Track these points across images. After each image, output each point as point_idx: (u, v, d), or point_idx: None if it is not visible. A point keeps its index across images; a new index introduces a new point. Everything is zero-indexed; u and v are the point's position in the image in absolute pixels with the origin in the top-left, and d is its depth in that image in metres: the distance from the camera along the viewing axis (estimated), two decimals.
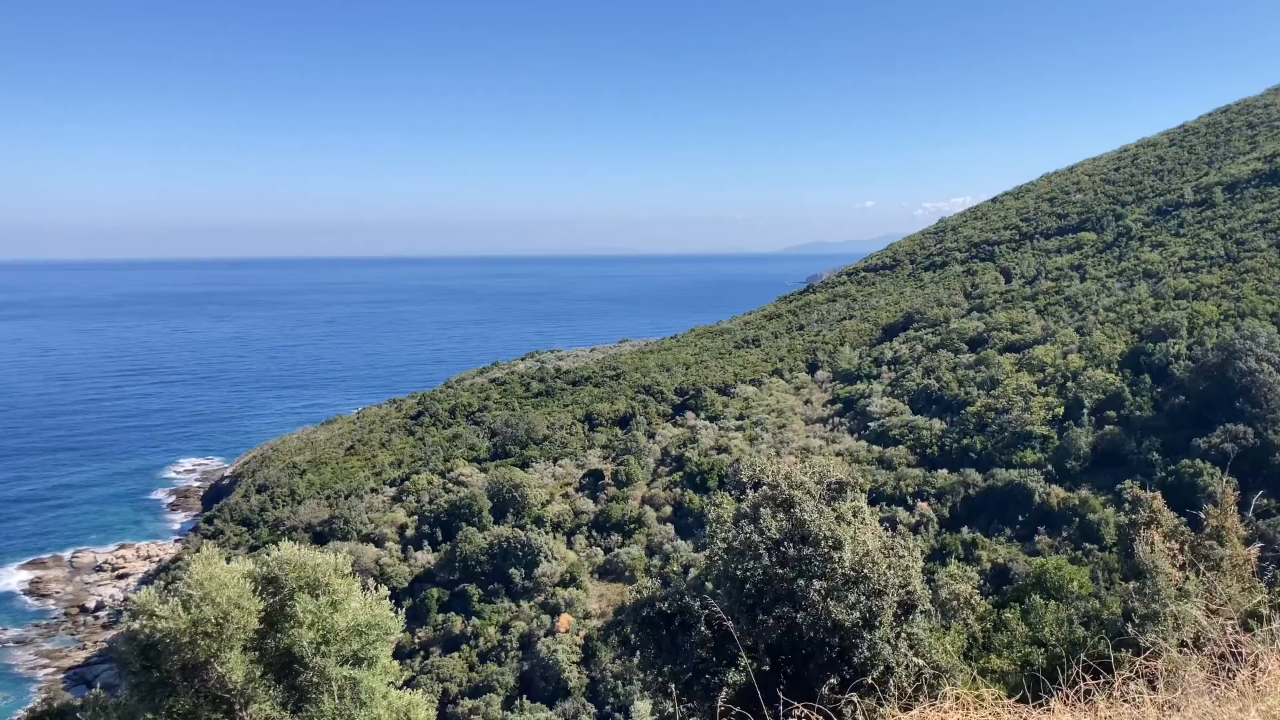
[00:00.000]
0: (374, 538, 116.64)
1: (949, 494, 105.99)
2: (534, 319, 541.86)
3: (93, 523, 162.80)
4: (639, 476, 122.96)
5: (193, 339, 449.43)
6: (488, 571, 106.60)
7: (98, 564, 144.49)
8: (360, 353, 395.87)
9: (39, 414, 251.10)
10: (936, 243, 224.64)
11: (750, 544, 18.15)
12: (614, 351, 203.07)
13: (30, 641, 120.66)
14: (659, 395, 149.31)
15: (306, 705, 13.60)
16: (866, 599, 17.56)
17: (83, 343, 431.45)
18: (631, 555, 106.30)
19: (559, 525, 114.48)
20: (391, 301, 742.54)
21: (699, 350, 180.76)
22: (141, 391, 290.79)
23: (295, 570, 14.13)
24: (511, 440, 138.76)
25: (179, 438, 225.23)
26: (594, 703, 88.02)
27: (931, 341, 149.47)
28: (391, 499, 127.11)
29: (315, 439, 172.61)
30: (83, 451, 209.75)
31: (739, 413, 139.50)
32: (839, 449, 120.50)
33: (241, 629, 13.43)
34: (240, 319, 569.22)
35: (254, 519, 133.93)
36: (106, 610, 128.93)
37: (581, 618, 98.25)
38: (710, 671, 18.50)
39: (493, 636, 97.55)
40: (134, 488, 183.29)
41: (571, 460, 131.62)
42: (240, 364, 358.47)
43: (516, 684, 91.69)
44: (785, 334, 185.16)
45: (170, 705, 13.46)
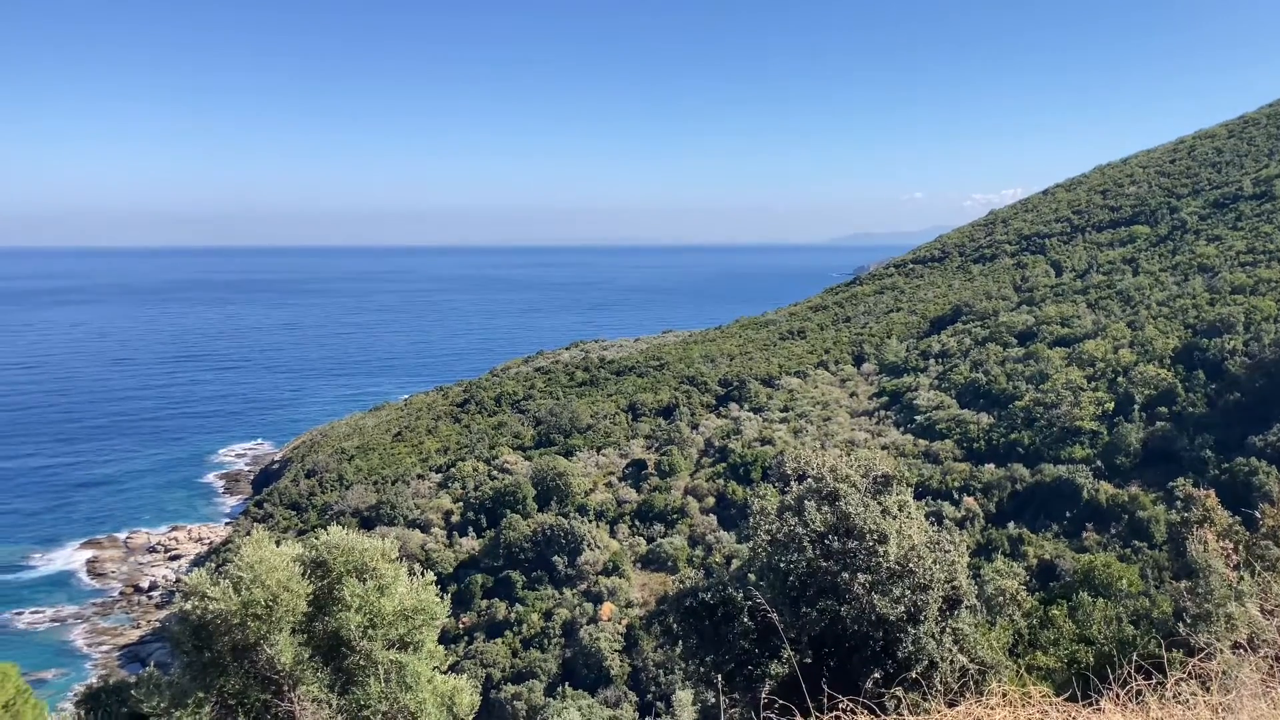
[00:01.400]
0: (420, 523, 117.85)
1: (995, 489, 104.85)
2: (579, 309, 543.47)
3: (147, 505, 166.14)
4: (682, 467, 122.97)
5: (245, 325, 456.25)
6: (531, 558, 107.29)
7: (151, 545, 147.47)
8: (409, 340, 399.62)
9: (97, 398, 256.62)
10: (986, 235, 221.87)
11: (794, 536, 18.10)
12: (658, 342, 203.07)
13: (87, 619, 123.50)
14: (703, 386, 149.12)
15: (353, 688, 13.79)
16: (911, 593, 17.44)
17: (138, 328, 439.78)
18: (674, 545, 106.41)
19: (602, 514, 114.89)
20: (440, 290, 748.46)
21: (743, 341, 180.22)
22: (195, 377, 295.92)
23: (343, 554, 14.31)
24: (555, 429, 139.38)
25: (231, 423, 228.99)
26: (635, 691, 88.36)
27: (980, 335, 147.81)
28: (437, 485, 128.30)
29: (363, 425, 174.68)
30: (138, 435, 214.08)
31: (783, 404, 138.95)
32: (884, 442, 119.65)
33: (290, 611, 13.62)
34: (292, 306, 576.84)
35: (303, 503, 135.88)
36: (159, 590, 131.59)
37: (624, 606, 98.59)
38: (753, 663, 18.48)
39: (536, 623, 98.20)
40: (187, 471, 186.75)
41: (615, 450, 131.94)
42: (291, 351, 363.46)
43: (559, 670, 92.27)
44: (831, 326, 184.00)
45: (221, 685, 13.71)
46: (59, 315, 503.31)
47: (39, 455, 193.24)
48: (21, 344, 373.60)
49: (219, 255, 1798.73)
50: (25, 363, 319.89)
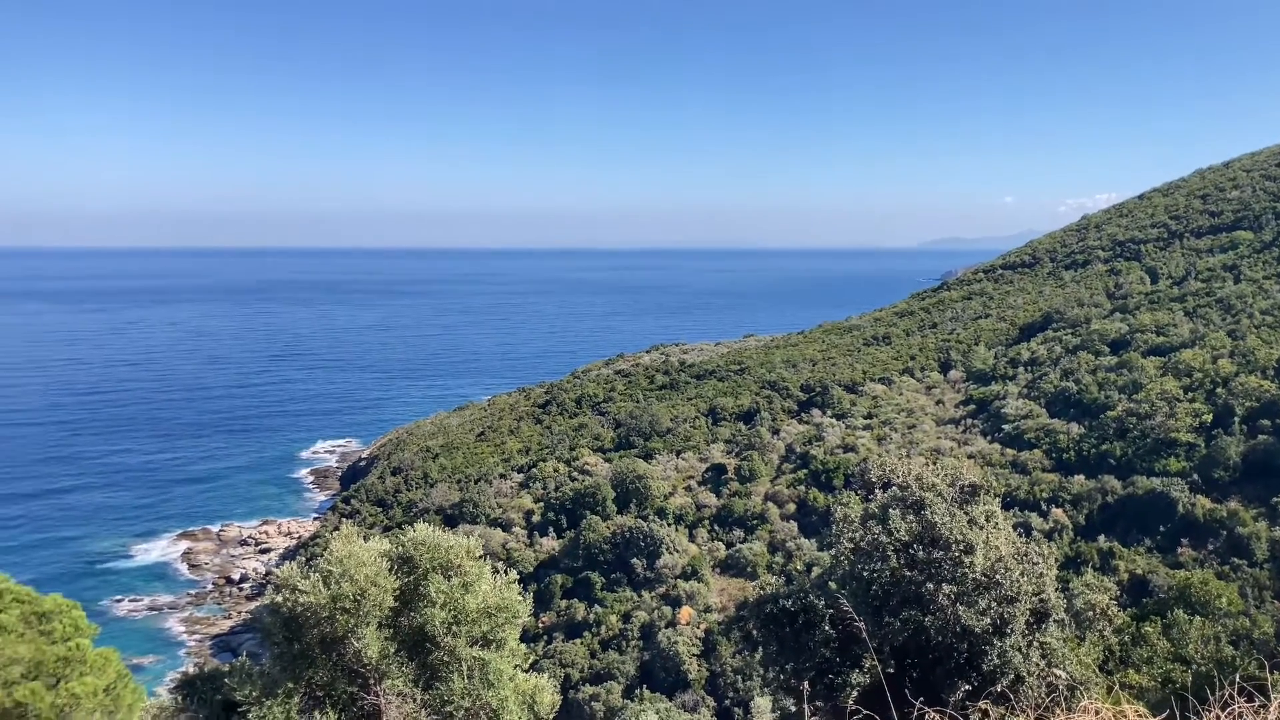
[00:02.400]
0: (501, 522, 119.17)
1: (1085, 501, 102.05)
2: (660, 312, 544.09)
3: (240, 499, 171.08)
4: (762, 472, 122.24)
5: (336, 326, 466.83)
6: (610, 560, 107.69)
7: (243, 538, 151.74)
8: (493, 342, 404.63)
9: (193, 395, 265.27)
10: (1078, 240, 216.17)
11: (878, 545, 17.86)
12: (739, 346, 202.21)
13: (182, 608, 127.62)
14: (784, 391, 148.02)
15: (437, 684, 14.00)
16: (998, 605, 17.08)
17: (233, 327, 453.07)
18: (754, 551, 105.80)
19: (681, 518, 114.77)
20: (524, 292, 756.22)
21: (826, 346, 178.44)
22: (287, 375, 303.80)
23: (429, 551, 14.55)
24: (635, 431, 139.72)
25: (321, 420, 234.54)
26: (713, 696, 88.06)
27: (1071, 343, 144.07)
28: (519, 485, 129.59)
29: (448, 424, 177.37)
30: (233, 432, 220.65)
31: (867, 411, 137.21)
32: (971, 451, 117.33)
33: (377, 606, 13.90)
34: (382, 307, 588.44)
35: (388, 500, 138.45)
36: (250, 583, 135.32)
37: (702, 611, 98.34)
38: (833, 671, 18.28)
39: (614, 625, 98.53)
40: (278, 467, 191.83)
41: (694, 454, 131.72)
42: (380, 351, 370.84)
43: (637, 673, 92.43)
44: (917, 332, 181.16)
45: (310, 676, 14.04)
46: (159, 314, 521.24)
47: (140, 450, 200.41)
48: (124, 342, 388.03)
49: (314, 256, 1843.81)
50: (129, 360, 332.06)
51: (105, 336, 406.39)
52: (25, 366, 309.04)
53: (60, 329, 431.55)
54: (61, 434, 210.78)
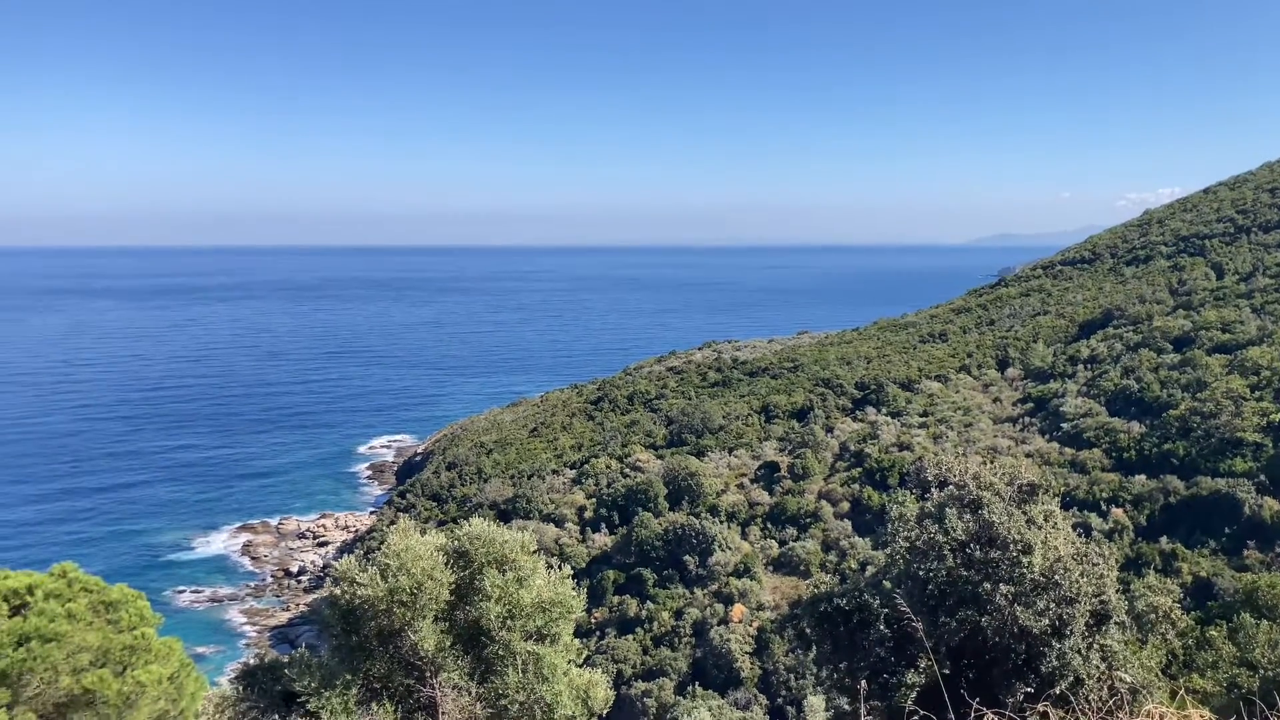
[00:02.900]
0: (554, 518, 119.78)
1: (1147, 501, 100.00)
2: (713, 309, 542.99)
3: (298, 492, 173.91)
4: (816, 470, 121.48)
5: (392, 323, 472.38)
6: (662, 557, 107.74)
7: (301, 531, 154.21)
8: (545, 339, 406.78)
9: (253, 390, 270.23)
10: (1140, 236, 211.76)
11: (934, 544, 17.69)
12: (792, 343, 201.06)
13: (241, 599, 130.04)
14: (838, 389, 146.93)
15: (492, 677, 14.14)
16: (1056, 606, 16.83)
17: (292, 324, 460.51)
18: (807, 549, 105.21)
19: (733, 515, 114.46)
20: (577, 290, 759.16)
21: (881, 344, 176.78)
22: (344, 371, 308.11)
23: (484, 546, 14.68)
24: (687, 429, 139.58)
25: (377, 416, 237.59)
26: (766, 694, 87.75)
27: (1132, 340, 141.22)
28: (571, 481, 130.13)
29: (501, 420, 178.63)
30: (291, 426, 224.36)
31: (923, 409, 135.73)
32: (1029, 450, 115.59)
33: (433, 600, 14.06)
34: (436, 304, 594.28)
35: (443, 495, 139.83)
36: (308, 575, 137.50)
37: (755, 609, 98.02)
38: (888, 671, 18.14)
39: (666, 621, 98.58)
40: (335, 461, 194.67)
41: (747, 451, 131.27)
42: (434, 347, 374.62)
43: (689, 670, 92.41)
44: (974, 329, 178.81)
45: (367, 668, 14.25)
46: (220, 311, 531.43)
47: (202, 444, 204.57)
48: (187, 338, 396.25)
49: (370, 255, 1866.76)
50: (191, 356, 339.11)
51: (169, 332, 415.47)
52: (98, 362, 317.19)
53: (127, 325, 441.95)
54: (127, 428, 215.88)
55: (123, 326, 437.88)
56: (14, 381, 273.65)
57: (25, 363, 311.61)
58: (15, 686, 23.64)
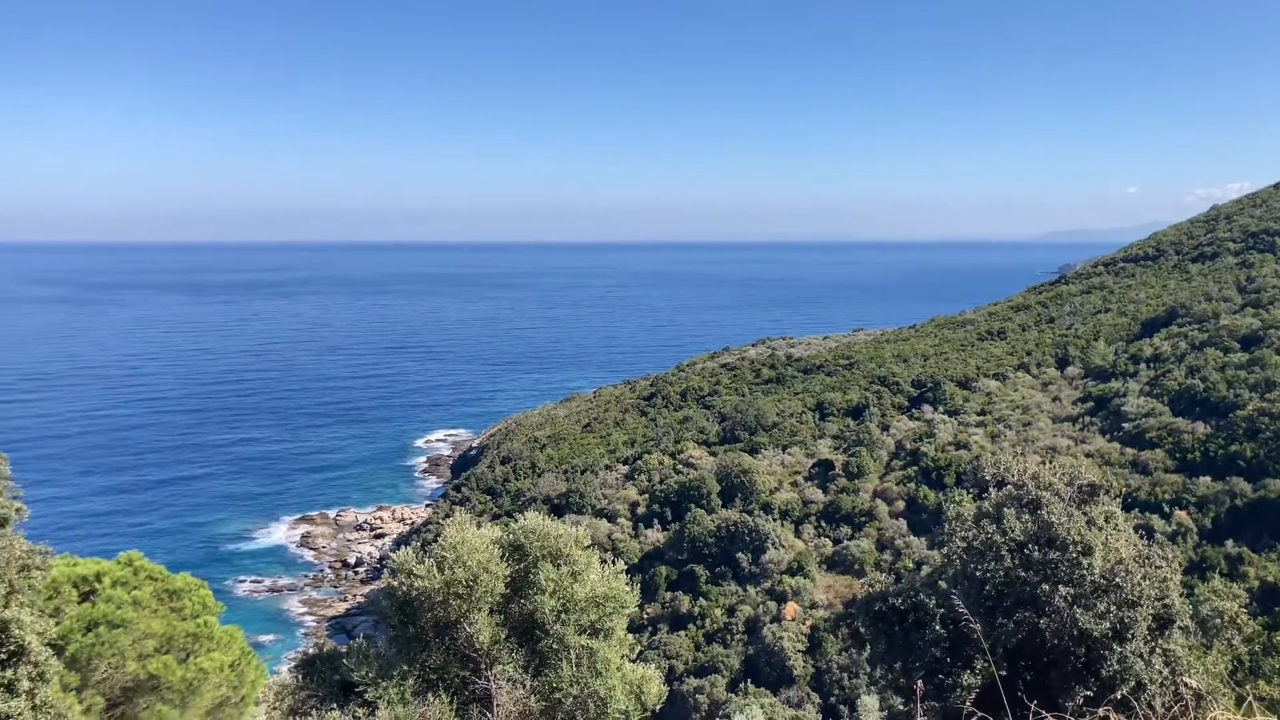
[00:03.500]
0: (607, 513, 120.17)
1: (1212, 503, 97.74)
2: (767, 305, 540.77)
3: (355, 485, 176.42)
4: (871, 469, 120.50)
5: (448, 318, 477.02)
6: (715, 554, 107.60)
7: (358, 523, 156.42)
8: (599, 335, 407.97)
9: (312, 383, 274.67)
10: (1206, 232, 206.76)
11: (991, 544, 17.46)
12: (848, 340, 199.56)
13: (300, 589, 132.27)
14: (894, 386, 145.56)
15: (546, 670, 14.24)
16: (1117, 609, 16.52)
17: (351, 319, 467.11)
18: (861, 548, 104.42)
19: (787, 513, 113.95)
20: (633, 285, 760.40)
21: (939, 341, 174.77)
22: (401, 366, 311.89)
23: (539, 539, 14.80)
24: (741, 426, 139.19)
25: (433, 410, 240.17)
26: (818, 693, 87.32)
27: (1197, 339, 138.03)
28: (624, 476, 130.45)
29: (555, 415, 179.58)
30: (349, 420, 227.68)
31: (980, 408, 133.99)
32: (1089, 450, 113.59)
33: (489, 592, 14.20)
34: (491, 300, 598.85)
35: (497, 488, 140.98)
36: (365, 566, 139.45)
37: (808, 607, 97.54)
38: (944, 672, 17.96)
39: (719, 618, 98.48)
40: (391, 454, 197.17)
41: (801, 449, 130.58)
42: (489, 343, 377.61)
43: (741, 667, 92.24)
44: (1033, 326, 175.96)
45: (424, 659, 14.43)
46: (281, 306, 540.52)
47: (263, 437, 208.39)
48: (249, 332, 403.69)
49: (427, 251, 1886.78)
50: (253, 350, 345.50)
51: (232, 327, 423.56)
52: (164, 356, 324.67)
53: (192, 319, 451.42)
54: (192, 421, 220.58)
55: (188, 320, 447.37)
56: (84, 374, 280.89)
57: (95, 356, 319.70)
58: (84, 670, 24.31)
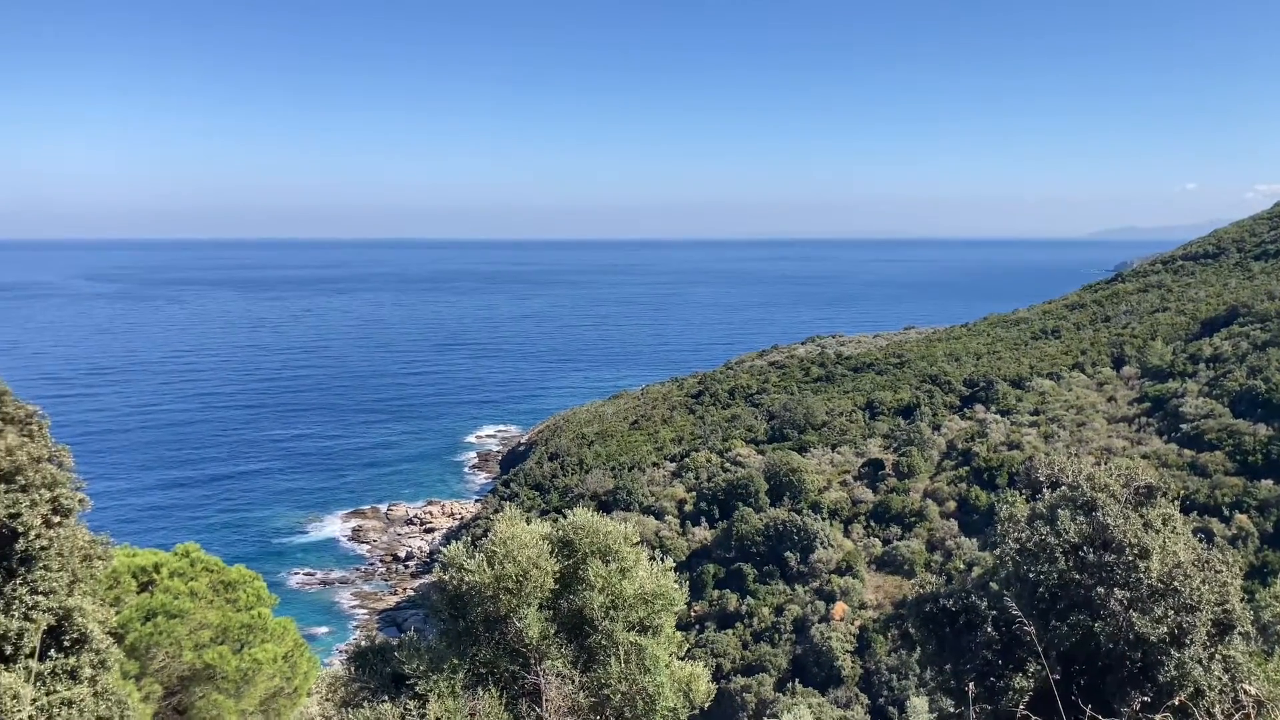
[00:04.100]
0: (654, 510, 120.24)
1: (1274, 507, 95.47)
2: (817, 303, 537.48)
3: (406, 479, 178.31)
4: (921, 469, 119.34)
5: (497, 315, 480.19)
6: (763, 552, 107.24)
7: (409, 517, 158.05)
8: (647, 332, 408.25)
9: (364, 379, 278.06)
10: (1270, 229, 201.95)
11: (1045, 546, 17.22)
12: (899, 338, 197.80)
13: (351, 583, 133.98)
14: (946, 385, 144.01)
15: (595, 666, 14.29)
16: (1175, 614, 16.21)
17: (402, 316, 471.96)
18: (911, 549, 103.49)
19: (836, 512, 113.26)
20: (678, 283, 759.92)
21: (991, 340, 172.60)
22: (451, 362, 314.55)
23: (588, 536, 14.85)
24: (789, 424, 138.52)
25: (482, 406, 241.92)
26: (867, 693, 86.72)
27: (1260, 338, 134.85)
28: (671, 474, 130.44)
29: (603, 412, 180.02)
30: (400, 415, 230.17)
31: (1033, 407, 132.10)
32: (1145, 451, 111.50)
33: (539, 587, 14.29)
34: (540, 298, 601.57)
35: (546, 484, 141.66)
36: (415, 561, 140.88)
37: (857, 607, 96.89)
38: (995, 674, 17.74)
39: (766, 617, 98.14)
40: (441, 450, 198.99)
41: (850, 448, 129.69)
42: (538, 340, 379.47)
43: (789, 666, 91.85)
44: (1088, 325, 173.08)
45: (474, 653, 14.55)
46: (333, 303, 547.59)
47: (315, 432, 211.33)
48: (302, 328, 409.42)
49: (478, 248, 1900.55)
50: (306, 346, 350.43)
51: (285, 323, 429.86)
52: (219, 351, 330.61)
53: (246, 316, 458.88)
54: (246, 417, 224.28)
55: (241, 316, 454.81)
56: (142, 369, 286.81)
57: (151, 351, 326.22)
58: (143, 659, 24.81)
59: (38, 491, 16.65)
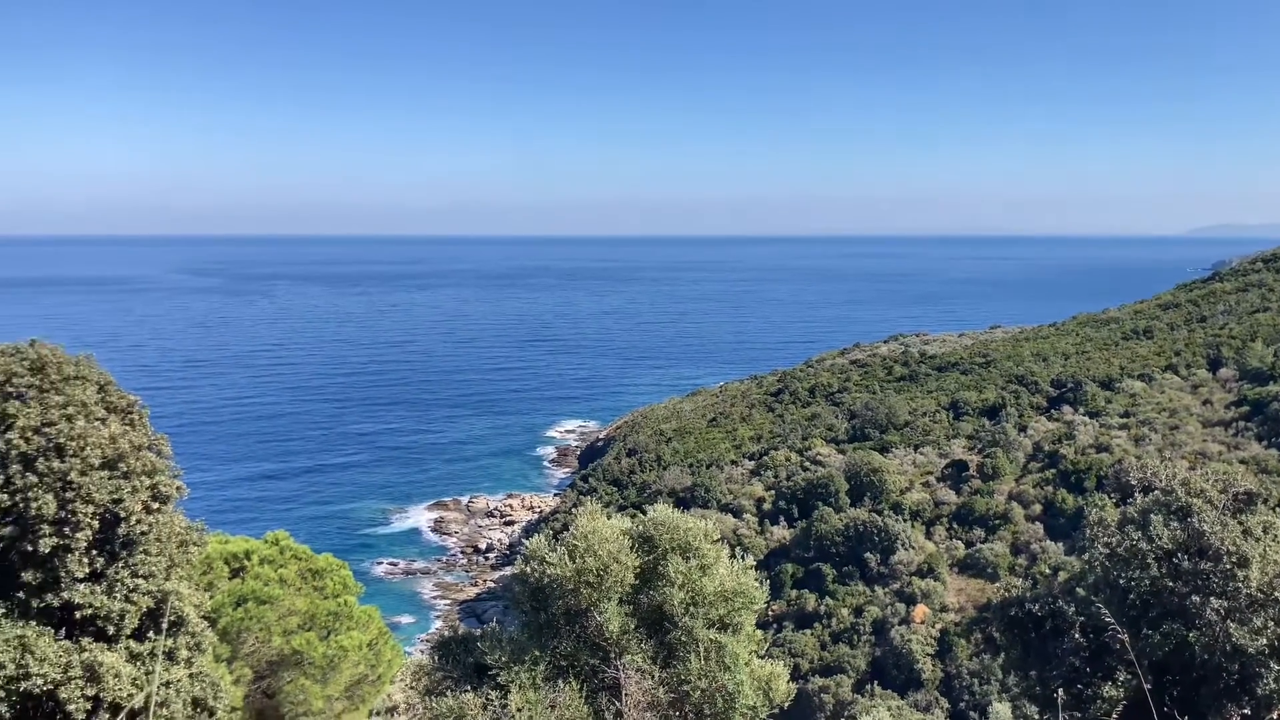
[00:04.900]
0: (732, 508, 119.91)
1: None
2: (901, 301, 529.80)
3: (486, 472, 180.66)
4: (1006, 471, 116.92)
5: (577, 312, 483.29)
6: (842, 553, 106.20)
7: (489, 510, 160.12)
8: (726, 329, 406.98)
9: (447, 373, 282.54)
10: None
11: (1137, 552, 16.78)
12: (985, 338, 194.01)
13: (432, 573, 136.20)
14: (1033, 386, 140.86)
15: (674, 662, 14.34)
16: (1276, 625, 15.67)
17: (485, 311, 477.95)
18: (995, 552, 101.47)
19: (917, 514, 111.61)
20: (759, 280, 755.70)
21: (1081, 340, 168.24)
22: (533, 358, 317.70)
23: (669, 532, 14.91)
24: (870, 423, 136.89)
25: (562, 401, 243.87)
26: (947, 698, 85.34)
27: None
28: (750, 472, 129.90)
29: (681, 409, 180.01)
30: (482, 409, 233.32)
31: (1124, 409, 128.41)
32: (1243, 456, 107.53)
33: (619, 582, 14.38)
34: (619, 294, 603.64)
35: (623, 480, 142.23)
36: (494, 553, 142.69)
37: (938, 610, 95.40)
38: (1083, 682, 17.34)
39: (845, 618, 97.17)
40: (521, 444, 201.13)
41: (933, 449, 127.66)
42: (617, 336, 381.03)
43: (867, 668, 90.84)
44: (1183, 325, 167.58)
45: (555, 646, 14.71)
46: (419, 298, 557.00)
47: (400, 425, 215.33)
48: (388, 324, 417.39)
49: (561, 245, 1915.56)
50: (392, 341, 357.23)
51: (371, 318, 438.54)
52: (308, 345, 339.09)
53: (335, 310, 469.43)
54: (333, 409, 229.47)
55: (329, 311, 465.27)
56: (235, 362, 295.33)
57: (244, 344, 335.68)
58: (234, 643, 25.56)
59: (138, 478, 17.31)
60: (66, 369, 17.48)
